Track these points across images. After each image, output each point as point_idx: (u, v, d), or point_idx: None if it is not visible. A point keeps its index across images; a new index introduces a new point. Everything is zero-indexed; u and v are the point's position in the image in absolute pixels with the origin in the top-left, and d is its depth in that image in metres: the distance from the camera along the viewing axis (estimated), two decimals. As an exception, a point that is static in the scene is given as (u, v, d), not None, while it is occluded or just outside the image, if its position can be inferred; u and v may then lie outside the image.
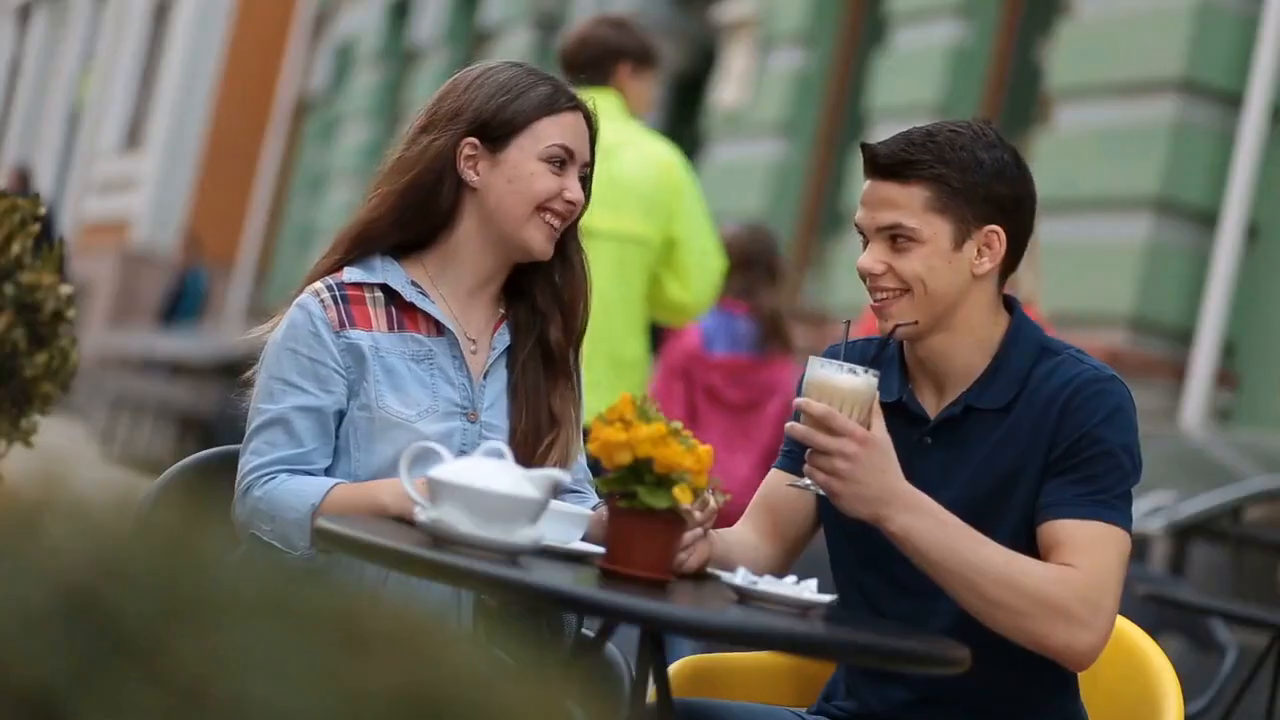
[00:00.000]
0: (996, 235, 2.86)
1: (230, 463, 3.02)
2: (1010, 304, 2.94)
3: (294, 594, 0.95)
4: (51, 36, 28.08)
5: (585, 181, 3.06)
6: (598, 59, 5.43)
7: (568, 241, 3.07)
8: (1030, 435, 2.82)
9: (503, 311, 3.07)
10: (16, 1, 29.35)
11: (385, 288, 3.00)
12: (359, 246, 3.02)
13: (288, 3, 22.68)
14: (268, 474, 2.90)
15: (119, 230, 23.55)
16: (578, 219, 3.06)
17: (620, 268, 5.28)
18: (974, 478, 2.83)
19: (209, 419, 14.15)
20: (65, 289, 3.92)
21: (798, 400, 2.72)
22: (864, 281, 2.88)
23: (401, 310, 3.00)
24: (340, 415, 2.95)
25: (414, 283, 3.02)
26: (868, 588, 2.90)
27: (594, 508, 2.88)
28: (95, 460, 13.97)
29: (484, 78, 3.03)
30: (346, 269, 3.01)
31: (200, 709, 0.88)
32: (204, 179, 23.03)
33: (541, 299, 3.06)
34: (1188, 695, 4.20)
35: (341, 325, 2.96)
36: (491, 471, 2.58)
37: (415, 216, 3.01)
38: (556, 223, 3.00)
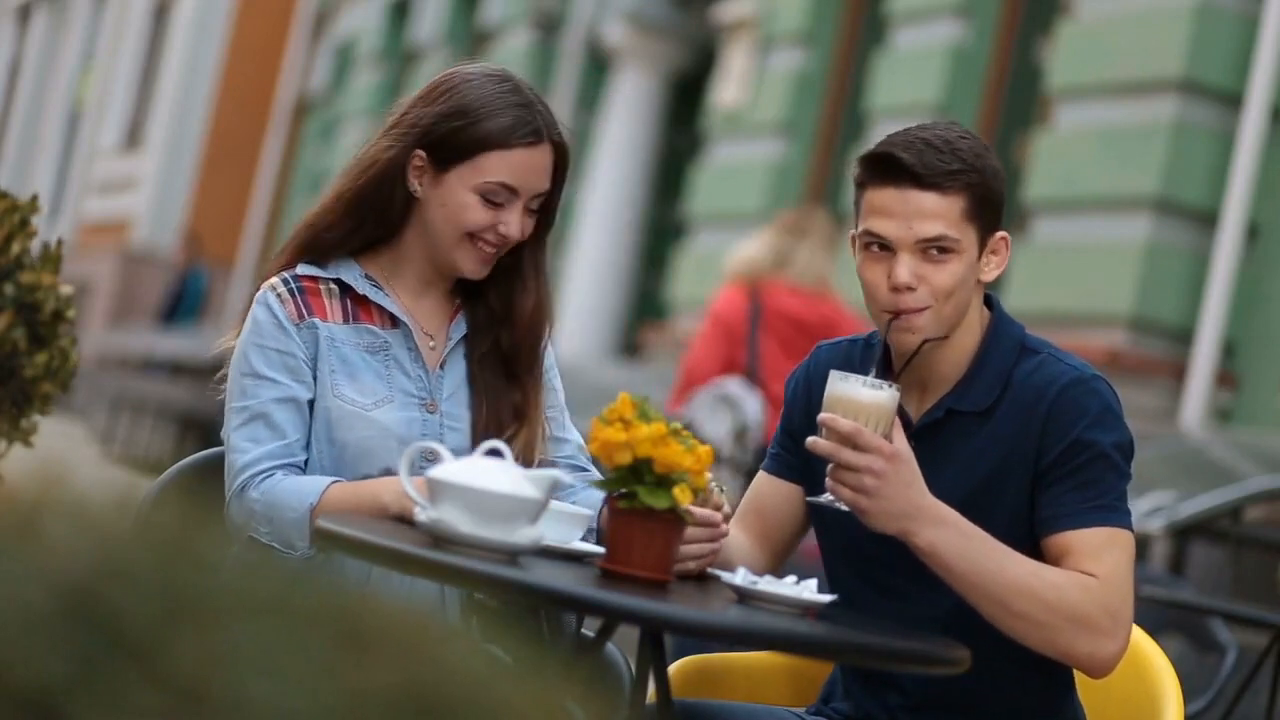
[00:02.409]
0: (1005, 241, 2.85)
1: (230, 463, 3.02)
2: (990, 300, 2.92)
3: (294, 594, 0.95)
4: (51, 36, 28.07)
5: (548, 209, 3.02)
6: None
7: (524, 265, 3.04)
8: (1015, 439, 2.79)
9: (458, 302, 3.07)
10: (16, 1, 29.34)
11: (339, 281, 3.01)
12: (310, 251, 3.03)
13: (288, 3, 22.68)
14: (262, 473, 2.89)
15: (119, 230, 23.55)
16: (539, 240, 3.04)
17: None
18: (957, 481, 2.80)
19: (209, 419, 14.15)
20: (65, 289, 3.92)
21: (823, 416, 2.67)
22: (872, 290, 2.81)
23: (356, 303, 3.01)
24: (312, 404, 2.96)
25: (368, 276, 3.03)
26: (854, 592, 2.88)
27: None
28: (95, 460, 13.97)
29: (453, 93, 2.99)
30: (300, 264, 3.02)
31: (200, 709, 0.88)
32: (204, 179, 23.03)
33: (496, 302, 3.06)
34: (1188, 695, 4.20)
35: (301, 316, 2.97)
36: (491, 471, 2.58)
37: (368, 219, 3.02)
38: (490, 249, 2.98)
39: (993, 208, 2.81)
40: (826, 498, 2.71)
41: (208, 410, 14.29)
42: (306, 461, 2.94)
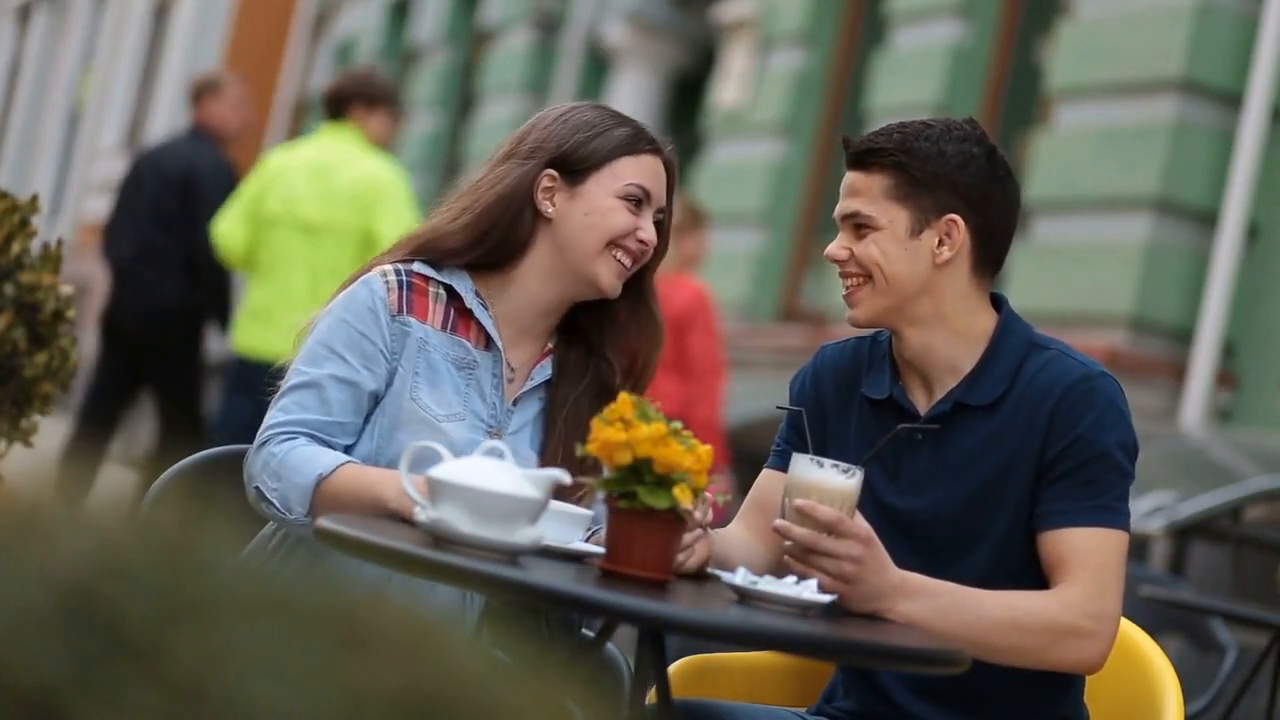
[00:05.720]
0: (955, 224, 2.86)
1: (229, 463, 3.02)
2: (999, 302, 2.94)
3: (295, 594, 0.95)
4: (51, 36, 28.07)
5: (661, 226, 3.07)
6: (336, 102, 7.56)
7: (645, 290, 3.09)
8: (1022, 434, 2.82)
9: (550, 346, 3.08)
10: (16, 1, 29.34)
11: (449, 289, 3.02)
12: (427, 252, 3.04)
13: (288, 3, 22.68)
14: (288, 433, 2.91)
15: (119, 230, 23.52)
16: (653, 266, 3.08)
17: (330, 249, 7.32)
18: (964, 475, 2.83)
19: (209, 419, 14.13)
20: (65, 289, 3.92)
21: (800, 503, 2.67)
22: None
23: (458, 314, 3.03)
24: (376, 398, 2.96)
25: (477, 293, 3.04)
26: None
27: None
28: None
29: (569, 114, 3.07)
30: (417, 262, 3.03)
31: (200, 709, 0.88)
32: (204, 179, 22.99)
33: (607, 343, 3.07)
34: (1188, 695, 4.20)
35: (400, 310, 2.98)
36: (491, 471, 2.58)
37: (490, 240, 3.03)
38: (628, 261, 3.02)
39: (934, 191, 2.85)
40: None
41: (207, 410, 14.27)
42: (349, 448, 2.95)
